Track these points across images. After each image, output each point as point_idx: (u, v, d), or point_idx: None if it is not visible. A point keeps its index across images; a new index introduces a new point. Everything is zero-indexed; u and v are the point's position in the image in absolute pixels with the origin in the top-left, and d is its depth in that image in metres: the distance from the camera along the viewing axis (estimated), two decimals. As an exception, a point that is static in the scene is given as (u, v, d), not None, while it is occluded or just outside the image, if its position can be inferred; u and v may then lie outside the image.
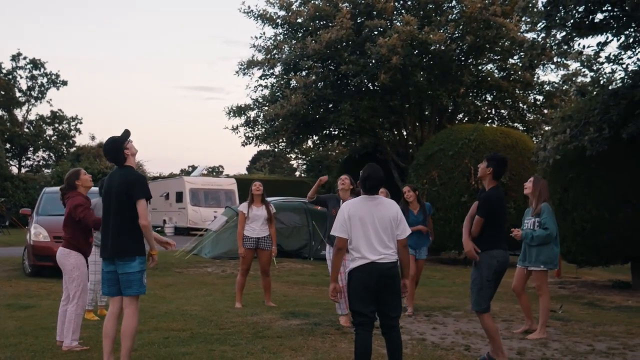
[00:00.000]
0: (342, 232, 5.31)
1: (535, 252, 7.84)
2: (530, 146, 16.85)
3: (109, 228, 5.76)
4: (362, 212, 5.32)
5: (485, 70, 21.81)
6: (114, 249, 5.70)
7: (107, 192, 5.84)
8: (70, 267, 6.89)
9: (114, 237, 5.70)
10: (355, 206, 5.38)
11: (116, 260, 5.70)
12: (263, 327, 7.94)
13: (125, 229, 5.68)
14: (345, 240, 5.30)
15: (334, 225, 5.39)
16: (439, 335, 7.70)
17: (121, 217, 5.69)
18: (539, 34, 13.46)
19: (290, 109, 18.86)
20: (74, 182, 7.19)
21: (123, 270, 5.68)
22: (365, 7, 19.62)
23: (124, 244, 5.68)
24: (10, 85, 49.16)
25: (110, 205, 5.78)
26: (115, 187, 5.76)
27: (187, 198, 29.97)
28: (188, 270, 14.49)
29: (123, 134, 5.95)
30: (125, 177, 5.77)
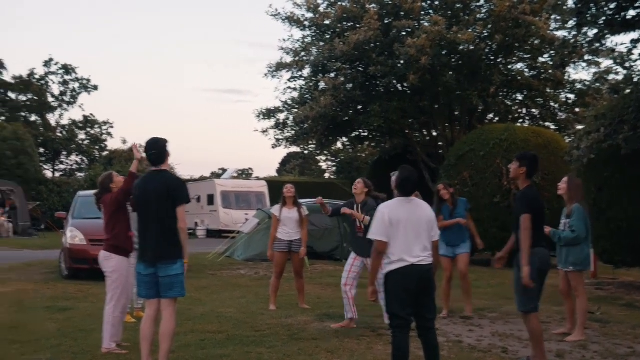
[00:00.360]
0: (382, 236, 5.29)
1: (565, 253, 7.78)
2: (562, 145, 16.67)
3: (150, 231, 5.79)
4: (401, 215, 5.31)
5: (515, 70, 21.63)
6: (156, 252, 5.75)
7: (145, 195, 5.87)
8: (111, 270, 6.99)
9: (156, 240, 5.75)
10: (394, 209, 5.37)
11: (157, 263, 5.76)
12: (298, 329, 7.98)
13: (168, 232, 5.73)
14: (385, 244, 5.28)
15: (372, 229, 5.37)
16: (476, 337, 7.66)
17: (163, 220, 5.74)
18: (569, 32, 13.34)
19: (320, 110, 18.90)
20: (108, 185, 7.31)
21: (165, 273, 5.73)
22: (393, 8, 19.60)
23: (166, 246, 5.73)
24: (42, 90, 49.90)
25: (150, 208, 5.83)
26: (156, 190, 5.80)
27: (218, 201, 30.15)
28: (221, 273, 14.59)
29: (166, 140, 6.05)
30: (167, 181, 5.83)
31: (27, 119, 49.13)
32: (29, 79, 49.12)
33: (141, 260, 5.86)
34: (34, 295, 10.95)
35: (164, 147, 5.96)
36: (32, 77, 49.49)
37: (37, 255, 18.50)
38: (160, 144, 5.96)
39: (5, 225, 28.63)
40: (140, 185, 5.99)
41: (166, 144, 5.99)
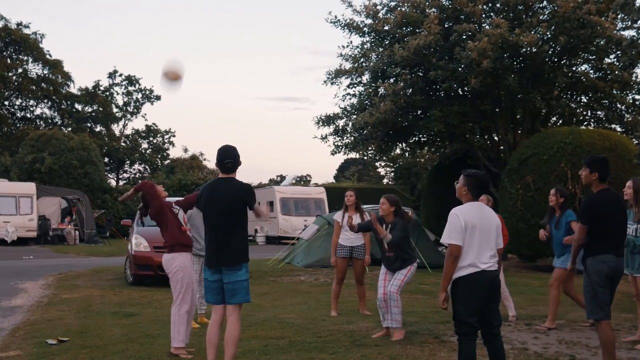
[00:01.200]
0: (458, 240, 5.19)
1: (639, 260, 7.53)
2: (630, 148, 16.19)
3: (217, 237, 5.86)
4: (475, 220, 5.23)
5: (580, 71, 21.08)
6: (222, 257, 5.81)
7: (213, 201, 5.92)
8: (174, 270, 7.02)
9: (223, 246, 5.81)
10: (469, 213, 5.28)
11: (223, 269, 5.81)
12: (360, 335, 7.94)
13: (235, 237, 5.79)
14: (460, 248, 5.18)
15: (445, 233, 5.25)
16: (541, 344, 7.48)
17: (231, 226, 5.80)
18: (638, 31, 12.96)
19: (379, 116, 18.80)
20: (150, 194, 7.37)
21: (230, 279, 5.78)
22: (453, 12, 19.38)
23: (232, 252, 5.79)
24: (107, 101, 51.29)
25: (218, 214, 5.87)
26: (227, 197, 5.86)
27: (277, 207, 30.36)
28: (282, 279, 14.66)
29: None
30: (237, 186, 5.91)
31: (93, 129, 50.59)
32: (94, 90, 50.61)
33: (208, 266, 5.92)
34: (100, 301, 11.21)
35: (237, 155, 6.04)
36: (98, 89, 50.95)
37: (103, 262, 18.98)
38: (234, 152, 6.03)
39: (72, 233, 29.47)
40: (208, 192, 6.02)
41: (238, 154, 6.07)
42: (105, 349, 7.26)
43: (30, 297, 11.97)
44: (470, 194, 5.39)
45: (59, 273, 15.95)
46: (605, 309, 5.95)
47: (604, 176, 6.11)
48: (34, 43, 46.29)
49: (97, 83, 51.15)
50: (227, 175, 6.00)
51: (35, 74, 47.89)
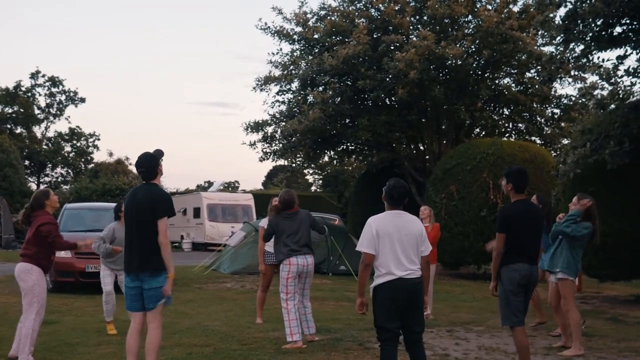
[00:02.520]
0: (369, 248, 5.29)
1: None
2: (549, 160, 16.78)
3: (135, 243, 5.78)
4: (390, 228, 5.31)
5: (502, 84, 21.77)
6: (140, 264, 5.72)
7: (131, 208, 5.87)
8: (31, 284, 6.79)
9: (140, 253, 5.72)
10: (382, 221, 5.37)
11: (141, 275, 5.72)
12: (285, 342, 7.93)
13: (151, 245, 5.70)
14: (372, 256, 5.28)
15: (360, 240, 5.37)
16: (462, 350, 7.66)
17: (147, 233, 5.71)
18: (557, 47, 13.46)
19: (308, 124, 18.90)
20: (43, 201, 7.12)
21: (149, 285, 5.70)
22: (382, 23, 19.70)
23: (150, 259, 5.70)
24: (29, 102, 49.71)
25: (135, 221, 5.82)
26: (140, 203, 5.80)
27: (204, 213, 30.06)
28: (207, 286, 14.52)
29: (158, 152, 6.01)
30: (151, 194, 5.81)
31: (13, 131, 48.92)
32: (15, 91, 48.94)
33: (127, 272, 5.83)
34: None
35: (153, 164, 5.92)
36: (19, 89, 49.30)
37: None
38: (149, 161, 5.92)
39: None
40: (129, 198, 5.97)
41: (156, 160, 5.95)
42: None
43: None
44: (386, 203, 5.50)
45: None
46: (518, 316, 6.16)
47: (520, 187, 6.32)
48: (-50, 40, 44.49)
49: (18, 83, 49.52)
50: (148, 182, 5.93)
51: (-49, 73, 46.04)
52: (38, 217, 6.97)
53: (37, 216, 6.98)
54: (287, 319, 7.76)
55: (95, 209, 16.67)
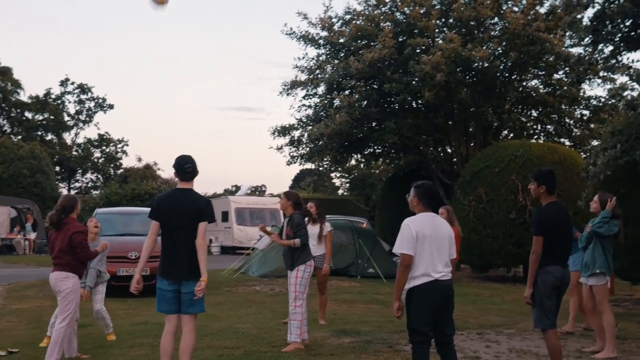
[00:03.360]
0: (409, 249, 5.28)
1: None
2: (578, 161, 16.63)
3: (179, 249, 5.79)
4: (427, 230, 5.32)
5: (530, 86, 21.62)
6: (188, 271, 5.76)
7: (172, 213, 5.85)
8: (68, 291, 6.89)
9: (188, 259, 5.76)
10: (420, 223, 5.37)
11: (183, 280, 5.78)
12: (315, 345, 7.98)
13: (194, 250, 5.76)
14: (411, 258, 5.26)
15: (397, 242, 5.34)
16: (493, 353, 7.64)
17: (190, 238, 5.77)
18: (585, 48, 13.36)
19: (335, 128, 18.96)
20: (74, 207, 7.18)
21: (188, 289, 5.74)
22: (407, 26, 19.69)
23: (192, 264, 5.76)
24: (59, 110, 50.48)
25: (178, 226, 5.82)
26: (183, 209, 5.82)
27: (232, 217, 30.23)
28: (237, 289, 14.62)
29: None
30: (195, 199, 5.88)
31: (43, 137, 49.75)
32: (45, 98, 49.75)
33: (165, 277, 5.87)
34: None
35: (196, 164, 6.02)
36: (49, 97, 50.10)
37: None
38: (193, 160, 6.01)
39: (21, 243, 28.84)
40: (166, 203, 5.94)
41: (195, 162, 6.04)
42: None
43: (-22, 308, 11.71)
44: (421, 205, 5.50)
45: (8, 283, 15.60)
46: (551, 318, 6.13)
47: (552, 189, 6.30)
48: (-18, 49, 45.37)
49: (48, 91, 50.37)
50: (186, 186, 5.97)
51: (-17, 82, 46.91)
52: (69, 224, 7.02)
53: (68, 223, 7.02)
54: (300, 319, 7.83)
55: (126, 213, 16.90)
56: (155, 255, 5.98)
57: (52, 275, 7.05)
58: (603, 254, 7.60)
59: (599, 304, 7.70)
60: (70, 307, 6.88)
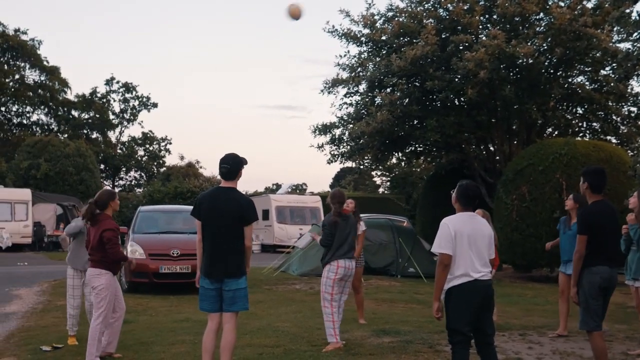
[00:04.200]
0: (447, 249, 5.22)
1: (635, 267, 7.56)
2: (625, 160, 16.24)
3: (220, 248, 5.84)
4: (466, 229, 5.25)
5: (576, 83, 21.16)
6: (225, 268, 5.80)
7: (214, 212, 5.88)
8: (101, 287, 6.96)
9: (226, 256, 5.81)
10: (459, 222, 5.31)
11: (225, 278, 5.81)
12: (355, 344, 7.94)
13: (237, 249, 5.80)
14: (450, 257, 5.21)
15: (436, 241, 5.29)
16: (535, 354, 7.50)
17: (233, 237, 5.80)
18: (633, 44, 13.04)
19: (376, 126, 18.85)
20: (108, 202, 7.25)
21: (230, 287, 5.79)
22: (450, 23, 19.47)
23: (235, 262, 5.80)
24: (104, 108, 51.33)
25: (220, 225, 5.85)
26: (227, 208, 5.84)
27: (273, 216, 30.35)
28: (277, 287, 14.66)
29: (243, 158, 6.09)
30: (237, 199, 5.90)
31: (89, 136, 50.64)
32: (91, 97, 50.67)
33: (207, 275, 5.90)
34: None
35: (237, 164, 5.99)
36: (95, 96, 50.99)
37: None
38: (233, 159, 5.99)
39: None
40: (208, 201, 5.97)
41: (241, 162, 6.02)
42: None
43: (25, 303, 11.95)
44: (459, 204, 5.44)
45: (53, 280, 15.92)
46: (597, 320, 5.99)
47: (596, 187, 6.15)
48: (31, 49, 46.34)
49: (94, 90, 51.28)
50: (228, 185, 5.99)
51: (32, 80, 47.94)
52: (103, 220, 7.09)
53: (102, 220, 7.10)
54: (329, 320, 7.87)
55: (168, 211, 17.07)
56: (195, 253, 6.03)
57: (88, 271, 7.18)
58: None
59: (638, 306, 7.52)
60: (104, 304, 6.95)
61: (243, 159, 6.05)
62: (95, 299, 7.02)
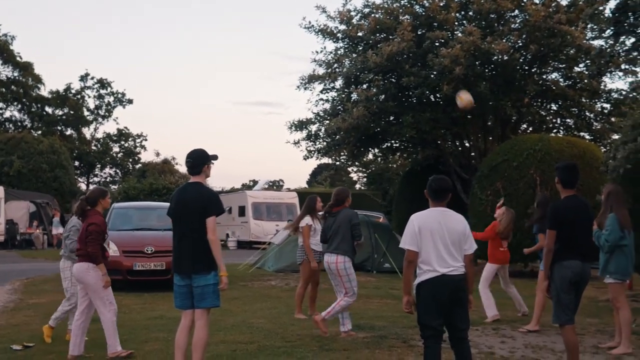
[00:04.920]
0: (412, 245, 5.24)
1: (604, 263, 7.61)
2: (598, 155, 16.39)
3: (185, 243, 5.82)
4: (432, 225, 5.25)
5: (550, 79, 21.36)
6: (192, 265, 5.77)
7: (179, 207, 5.90)
8: (93, 281, 6.98)
9: (192, 253, 5.77)
10: (425, 218, 5.31)
11: (192, 274, 5.78)
12: (328, 340, 7.93)
13: (202, 244, 5.75)
14: (415, 253, 5.23)
15: (403, 238, 5.32)
16: (508, 349, 7.55)
17: (197, 232, 5.76)
18: (606, 40, 13.16)
19: (352, 122, 18.87)
20: (98, 199, 7.27)
21: (198, 283, 5.76)
22: (427, 19, 19.53)
23: (201, 259, 5.75)
24: (79, 104, 50.78)
25: (184, 220, 5.84)
26: (189, 202, 5.83)
27: (249, 212, 30.26)
28: (252, 284, 14.61)
29: (213, 155, 6.05)
30: (200, 192, 5.85)
31: (63, 132, 50.08)
32: (65, 93, 50.08)
33: (177, 271, 5.88)
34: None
35: (199, 158, 5.97)
36: (69, 92, 50.42)
37: (71, 266, 18.66)
38: (196, 154, 5.98)
39: (40, 238, 29.05)
40: (176, 197, 6.01)
41: (204, 157, 5.98)
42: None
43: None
44: (430, 199, 5.45)
45: (26, 278, 15.72)
46: (568, 314, 6.04)
47: (568, 182, 6.20)
48: (4, 45, 45.66)
49: (68, 86, 50.72)
50: (194, 180, 5.98)
51: (5, 77, 47.23)
52: (90, 216, 7.13)
53: (90, 215, 7.15)
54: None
55: (143, 208, 16.93)
56: (171, 250, 5.99)
57: (75, 266, 7.19)
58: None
59: (615, 300, 7.57)
60: (105, 295, 7.00)
61: (209, 155, 6.02)
62: (95, 296, 7.04)
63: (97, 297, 7.01)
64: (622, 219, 7.30)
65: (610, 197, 7.49)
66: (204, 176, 6.02)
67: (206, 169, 5.99)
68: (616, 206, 7.43)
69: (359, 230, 8.35)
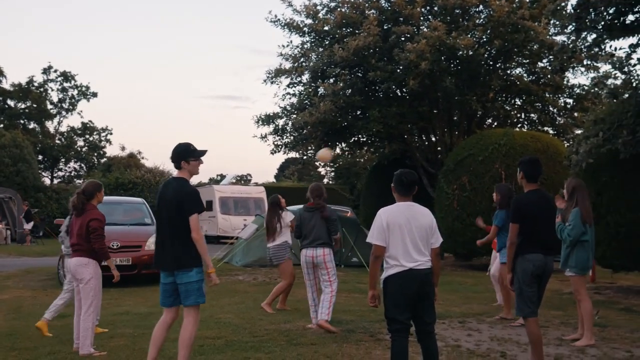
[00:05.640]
0: (379, 240, 5.28)
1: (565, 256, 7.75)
2: (561, 150, 16.67)
3: (167, 240, 5.80)
4: (400, 219, 5.29)
5: (514, 74, 21.64)
6: (173, 262, 5.74)
7: (161, 204, 5.89)
8: (89, 277, 7.03)
9: (173, 250, 5.75)
10: (393, 213, 5.35)
11: (174, 270, 5.75)
12: (296, 334, 7.96)
13: (183, 241, 5.72)
14: (383, 248, 5.27)
15: (370, 232, 5.36)
16: (474, 341, 7.64)
17: (176, 228, 5.73)
18: (568, 36, 13.34)
19: (319, 116, 18.89)
20: (95, 193, 7.31)
21: (182, 280, 5.73)
22: (392, 14, 19.62)
23: (182, 256, 5.72)
24: (42, 97, 49.90)
25: (165, 217, 5.83)
26: (169, 200, 5.81)
27: (217, 206, 30.10)
28: (220, 279, 14.50)
29: (200, 151, 6.01)
30: (180, 189, 5.82)
31: (26, 126, 49.16)
32: (27, 86, 49.15)
33: (159, 268, 5.88)
34: (31, 303, 10.93)
35: (175, 153, 5.93)
36: (31, 85, 49.50)
37: (35, 263, 18.45)
38: (175, 149, 5.95)
39: (2, 232, 28.55)
40: (159, 192, 6.02)
41: (186, 152, 5.92)
42: (35, 351, 7.10)
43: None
44: (397, 193, 5.49)
45: (-12, 274, 15.45)
46: (531, 307, 6.15)
47: (531, 176, 6.31)
48: (-37, 36, 44.67)
49: (31, 79, 49.68)
50: (177, 175, 6.00)
51: (-36, 69, 46.20)
52: (89, 210, 7.18)
53: (88, 210, 7.18)
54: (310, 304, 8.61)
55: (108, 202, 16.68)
56: (137, 245, 5.99)
57: (72, 261, 7.20)
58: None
59: (577, 293, 7.70)
60: (93, 294, 7.03)
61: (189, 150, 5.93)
62: (84, 291, 7.05)
63: (87, 295, 7.02)
64: (585, 214, 7.43)
65: (575, 192, 7.60)
66: (187, 172, 5.96)
67: (187, 165, 5.92)
68: (581, 200, 7.56)
69: (335, 226, 8.64)
